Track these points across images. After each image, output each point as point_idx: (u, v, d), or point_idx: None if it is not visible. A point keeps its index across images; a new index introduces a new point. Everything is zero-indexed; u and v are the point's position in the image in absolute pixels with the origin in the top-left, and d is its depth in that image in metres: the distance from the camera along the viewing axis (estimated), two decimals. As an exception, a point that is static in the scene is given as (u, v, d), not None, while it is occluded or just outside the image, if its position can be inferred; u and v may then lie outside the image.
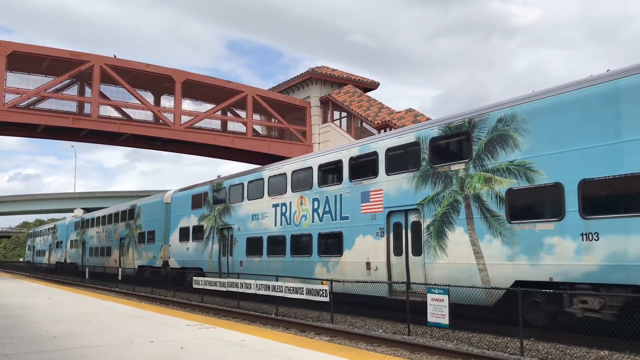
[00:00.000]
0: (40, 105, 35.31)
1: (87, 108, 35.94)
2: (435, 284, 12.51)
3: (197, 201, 25.84)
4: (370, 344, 11.60)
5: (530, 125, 12.10)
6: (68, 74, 34.29)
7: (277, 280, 17.71)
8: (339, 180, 17.33)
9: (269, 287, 17.87)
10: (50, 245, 54.80)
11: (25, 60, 33.73)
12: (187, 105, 40.95)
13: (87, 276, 38.43)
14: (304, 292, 16.26)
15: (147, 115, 38.05)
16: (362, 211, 16.26)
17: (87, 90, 37.56)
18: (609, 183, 10.64)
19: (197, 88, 38.91)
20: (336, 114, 40.29)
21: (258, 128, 43.06)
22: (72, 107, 36.46)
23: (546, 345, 10.66)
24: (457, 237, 13.32)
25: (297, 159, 20.33)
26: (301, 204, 18.90)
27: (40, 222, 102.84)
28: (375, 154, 16.07)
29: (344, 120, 39.76)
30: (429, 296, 12.15)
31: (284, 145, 40.60)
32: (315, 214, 18.20)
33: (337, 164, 17.51)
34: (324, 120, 40.70)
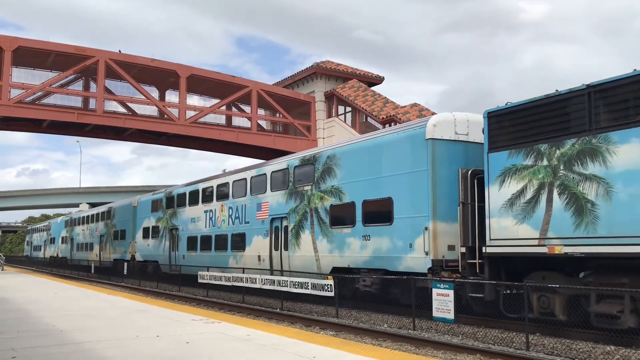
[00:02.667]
0: (46, 101, 35.41)
1: (92, 103, 36.00)
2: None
3: (155, 206, 30.89)
4: (375, 338, 11.60)
5: (342, 161, 17.21)
6: (73, 69, 34.34)
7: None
8: (245, 194, 22.35)
9: (274, 282, 17.94)
10: (45, 241, 60.05)
11: (30, 55, 33.79)
12: (193, 100, 41.00)
13: (92, 271, 38.64)
14: (309, 287, 16.29)
15: (152, 111, 38.08)
16: (257, 217, 21.35)
17: (92, 86, 37.61)
18: (373, 203, 15.79)
19: (202, 83, 38.89)
20: (341, 109, 40.21)
21: (263, 123, 43.03)
22: (77, 102, 36.53)
23: (552, 340, 10.64)
24: (306, 237, 18.44)
25: (221, 175, 25.19)
26: (222, 210, 23.94)
27: (46, 217, 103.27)
28: (265, 175, 21.19)
29: (349, 115, 39.68)
30: (434, 291, 12.13)
31: (289, 140, 40.58)
32: (230, 219, 23.22)
33: (244, 182, 22.49)
34: (329, 115, 40.62)
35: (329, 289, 15.50)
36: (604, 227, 10.19)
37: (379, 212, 15.47)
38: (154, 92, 39.98)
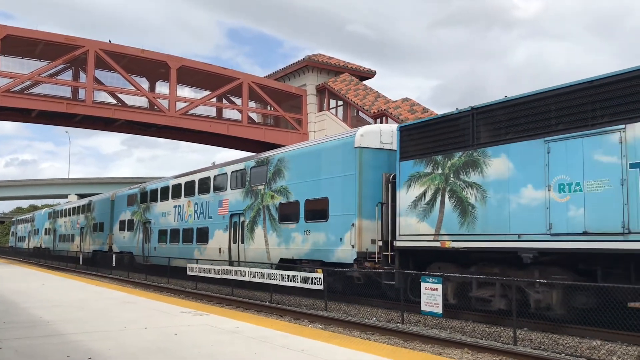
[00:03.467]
0: (35, 90, 35.07)
1: (82, 93, 35.71)
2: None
3: (131, 200, 32.54)
4: (364, 332, 11.63)
5: (289, 164, 19.09)
6: (62, 58, 34.01)
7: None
8: (208, 191, 24.09)
9: (263, 275, 17.93)
10: (29, 232, 62.25)
11: (19, 44, 33.42)
12: (185, 92, 40.80)
13: (81, 262, 38.47)
14: (298, 280, 16.30)
15: (142, 102, 37.83)
16: (219, 213, 23.06)
17: (82, 76, 37.30)
18: (314, 202, 17.68)
19: (192, 75, 38.67)
20: (332, 103, 40.16)
21: (254, 116, 42.89)
22: (66, 92, 36.23)
23: (539, 335, 10.71)
24: (259, 231, 20.28)
25: (189, 173, 26.87)
26: (189, 206, 25.69)
27: (34, 208, 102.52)
28: (226, 174, 22.95)
29: (340, 109, 39.65)
30: (423, 285, 12.17)
31: (280, 134, 40.51)
32: (195, 214, 25.02)
33: (208, 180, 24.31)
34: (320, 109, 40.56)
35: (318, 282, 15.52)
36: (480, 225, 12.36)
37: (318, 210, 17.53)
38: (144, 83, 39.72)
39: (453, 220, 12.98)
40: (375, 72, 42.56)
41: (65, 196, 74.08)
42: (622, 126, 10.02)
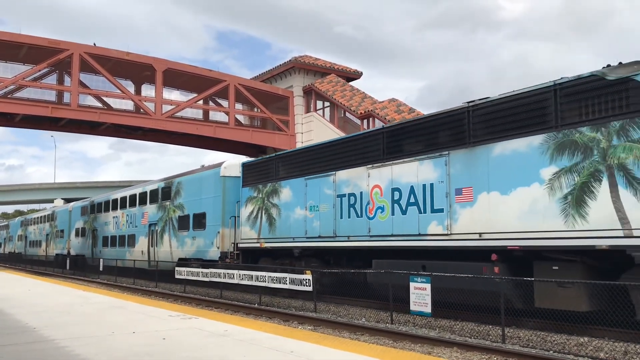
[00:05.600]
0: (19, 94, 34.67)
1: (67, 97, 35.42)
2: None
3: (84, 211, 38.80)
4: (353, 332, 11.63)
5: (184, 187, 25.31)
6: (46, 62, 33.72)
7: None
8: (135, 205, 30.30)
9: (252, 277, 17.88)
10: (5, 238, 69.17)
11: (1, 47, 33.09)
12: (172, 95, 40.60)
13: (67, 267, 38.17)
14: (287, 282, 16.27)
15: (128, 105, 37.61)
16: (142, 223, 29.17)
17: (67, 79, 36.97)
18: (198, 215, 23.69)
19: (178, 77, 38.51)
20: (319, 104, 40.16)
21: (241, 118, 42.77)
22: (51, 96, 35.96)
23: (527, 333, 10.77)
24: (166, 238, 26.38)
25: (124, 190, 33.46)
26: (123, 217, 31.92)
27: (20, 213, 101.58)
28: (146, 192, 29.03)
29: (327, 110, 39.66)
30: (412, 285, 12.19)
31: (267, 135, 40.46)
32: (127, 223, 31.23)
33: (135, 196, 30.45)
34: (307, 110, 40.54)
35: (307, 284, 15.50)
36: (278, 232, 18.91)
37: (200, 222, 23.48)
38: (130, 87, 39.47)
39: (265, 229, 19.48)
40: (361, 73, 42.68)
41: (52, 201, 73.46)
42: (333, 172, 16.67)
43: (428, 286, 11.85)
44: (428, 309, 11.82)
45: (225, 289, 19.72)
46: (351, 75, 41.86)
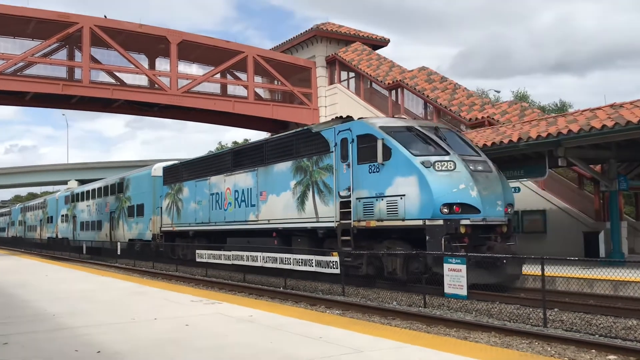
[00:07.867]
0: (28, 72, 35.00)
1: (78, 73, 35.70)
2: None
3: (67, 200, 48.67)
4: (384, 317, 11.69)
5: (131, 183, 34.68)
6: (56, 37, 33.95)
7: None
8: (102, 196, 39.76)
9: (277, 260, 18.04)
10: (8, 223, 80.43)
11: (9, 22, 33.33)
12: (189, 69, 40.60)
13: (84, 252, 38.96)
14: (313, 264, 16.39)
15: (142, 80, 37.73)
16: (105, 211, 38.37)
17: (77, 55, 37.20)
18: (139, 205, 33.12)
19: (194, 49, 38.44)
20: (343, 75, 39.84)
21: (261, 92, 42.67)
22: (62, 72, 36.22)
23: (571, 316, 10.72)
24: (121, 223, 35.51)
25: (93, 184, 44.16)
26: (93, 205, 41.62)
27: (33, 196, 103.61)
28: (108, 186, 39.02)
29: (352, 81, 39.36)
30: (446, 266, 12.18)
31: (289, 110, 40.29)
32: (96, 211, 40.86)
33: (101, 189, 40.17)
34: (331, 82, 40.26)
35: (334, 266, 15.60)
36: (182, 219, 27.05)
37: (141, 210, 32.49)
38: (144, 61, 39.56)
39: (175, 217, 27.46)
40: (389, 40, 42.17)
41: (65, 182, 74.66)
42: (209, 177, 25.06)
43: (464, 267, 11.84)
44: (464, 292, 11.83)
45: (249, 272, 19.94)
46: (378, 43, 41.38)
